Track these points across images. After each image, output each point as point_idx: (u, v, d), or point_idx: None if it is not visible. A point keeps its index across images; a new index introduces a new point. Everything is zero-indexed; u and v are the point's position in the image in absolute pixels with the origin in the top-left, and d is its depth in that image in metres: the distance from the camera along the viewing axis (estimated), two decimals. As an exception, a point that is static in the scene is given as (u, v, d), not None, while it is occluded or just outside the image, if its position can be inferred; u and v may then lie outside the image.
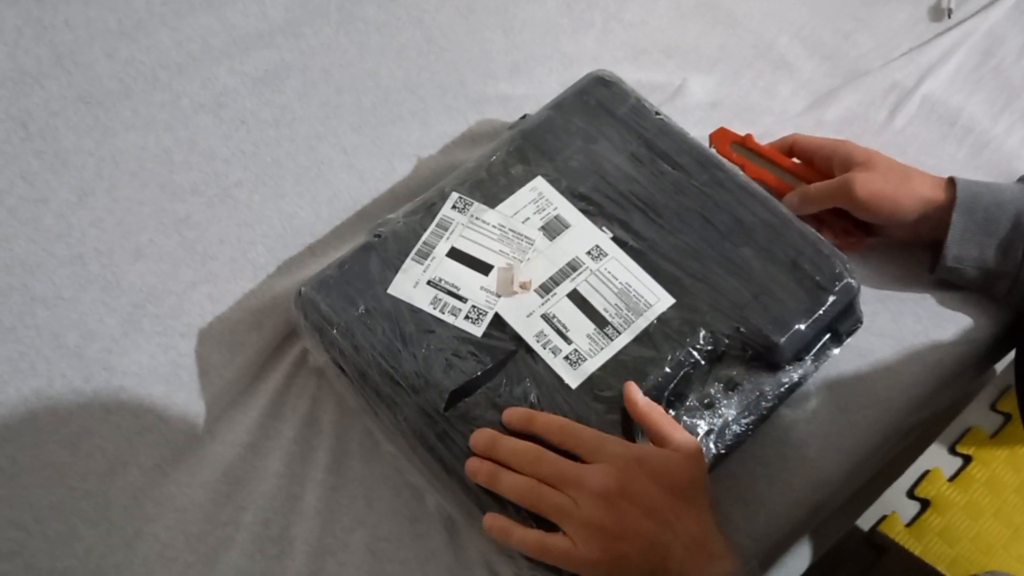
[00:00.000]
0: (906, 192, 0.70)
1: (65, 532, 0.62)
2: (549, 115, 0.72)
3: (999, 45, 0.91)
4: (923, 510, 1.20)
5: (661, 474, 0.54)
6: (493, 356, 0.61)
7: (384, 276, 0.64)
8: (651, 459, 0.54)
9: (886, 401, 0.70)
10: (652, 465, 0.54)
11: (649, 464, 0.54)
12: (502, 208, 0.67)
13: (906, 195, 0.70)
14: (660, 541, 0.52)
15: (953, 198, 0.69)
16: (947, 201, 0.69)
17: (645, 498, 0.53)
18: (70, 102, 0.71)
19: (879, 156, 0.72)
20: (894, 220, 0.71)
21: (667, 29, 0.90)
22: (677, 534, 0.52)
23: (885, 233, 0.74)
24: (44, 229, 0.68)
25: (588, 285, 0.64)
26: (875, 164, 0.71)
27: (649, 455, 0.55)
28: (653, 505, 0.53)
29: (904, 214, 0.70)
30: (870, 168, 0.70)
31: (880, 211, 0.70)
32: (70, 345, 0.66)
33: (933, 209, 0.70)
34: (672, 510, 0.53)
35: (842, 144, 0.73)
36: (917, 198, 0.70)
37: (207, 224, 0.72)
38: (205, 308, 0.69)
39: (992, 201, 0.68)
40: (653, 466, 0.54)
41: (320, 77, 0.79)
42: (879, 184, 0.70)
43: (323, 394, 0.68)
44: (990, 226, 0.68)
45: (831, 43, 0.91)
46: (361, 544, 0.63)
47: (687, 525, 0.53)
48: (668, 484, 0.54)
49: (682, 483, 0.54)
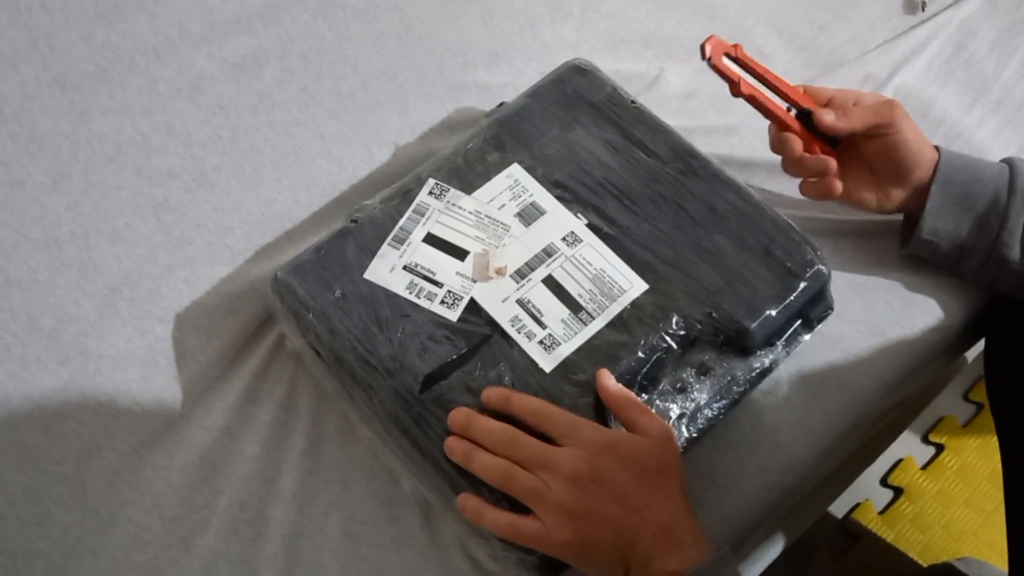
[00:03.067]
0: (927, 146, 0.69)
1: (39, 515, 0.62)
2: (526, 103, 0.72)
3: (971, 38, 0.92)
4: (896, 498, 1.21)
5: (632, 460, 0.55)
6: (468, 340, 0.61)
7: (360, 261, 0.64)
8: (622, 445, 0.55)
9: (856, 387, 0.71)
10: (623, 451, 0.55)
11: (620, 450, 0.55)
12: (478, 194, 0.67)
13: (927, 149, 0.69)
14: (629, 527, 0.53)
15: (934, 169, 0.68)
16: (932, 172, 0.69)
17: (615, 484, 0.53)
18: (45, 85, 0.71)
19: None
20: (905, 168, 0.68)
21: (645, 19, 0.90)
22: (646, 521, 0.53)
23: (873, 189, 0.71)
24: (19, 212, 0.68)
25: (563, 271, 0.64)
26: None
27: (621, 441, 0.55)
28: (623, 491, 0.53)
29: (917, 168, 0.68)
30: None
31: (907, 150, 0.67)
32: (46, 328, 0.66)
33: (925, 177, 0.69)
34: (642, 496, 0.54)
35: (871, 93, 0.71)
36: (930, 159, 0.68)
37: (184, 209, 0.72)
38: (182, 292, 0.70)
39: (972, 176, 0.68)
40: (624, 452, 0.55)
41: (298, 63, 0.79)
42: (916, 127, 0.68)
43: (300, 379, 0.68)
44: (968, 200, 0.67)
45: (807, 35, 0.92)
46: (337, 527, 0.63)
47: (656, 512, 0.53)
48: (639, 470, 0.54)
49: (652, 469, 0.55)
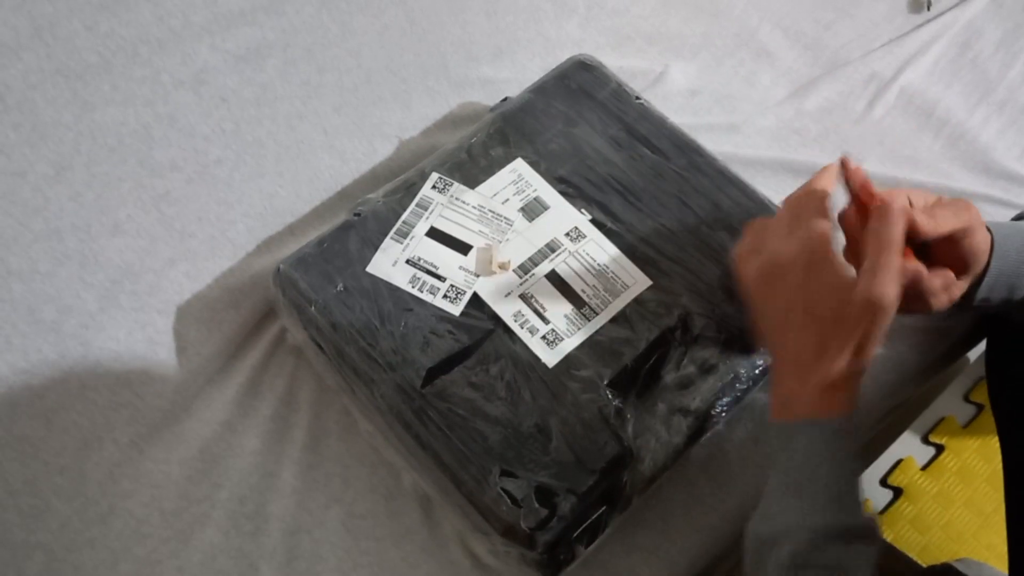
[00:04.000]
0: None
1: (39, 507, 0.61)
2: (530, 98, 0.72)
3: (977, 38, 0.92)
4: (895, 498, 1.21)
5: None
6: (471, 335, 0.61)
7: (363, 254, 0.64)
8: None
9: (859, 386, 0.71)
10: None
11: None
12: (482, 189, 0.67)
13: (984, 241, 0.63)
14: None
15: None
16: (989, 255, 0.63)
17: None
18: (48, 75, 0.70)
19: None
20: (977, 264, 0.62)
21: (650, 16, 0.90)
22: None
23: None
24: (21, 203, 0.68)
25: (566, 266, 0.64)
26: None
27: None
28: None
29: (984, 257, 0.62)
30: None
31: (983, 244, 0.61)
32: (46, 320, 0.66)
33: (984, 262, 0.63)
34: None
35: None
36: (988, 243, 0.63)
37: (186, 201, 0.72)
38: (183, 285, 0.69)
39: (1022, 242, 0.64)
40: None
41: (302, 56, 0.78)
42: (983, 224, 0.62)
43: (301, 372, 0.68)
44: (1022, 267, 0.64)
45: (812, 33, 0.92)
46: (336, 521, 0.63)
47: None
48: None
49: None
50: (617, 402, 0.59)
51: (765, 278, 0.56)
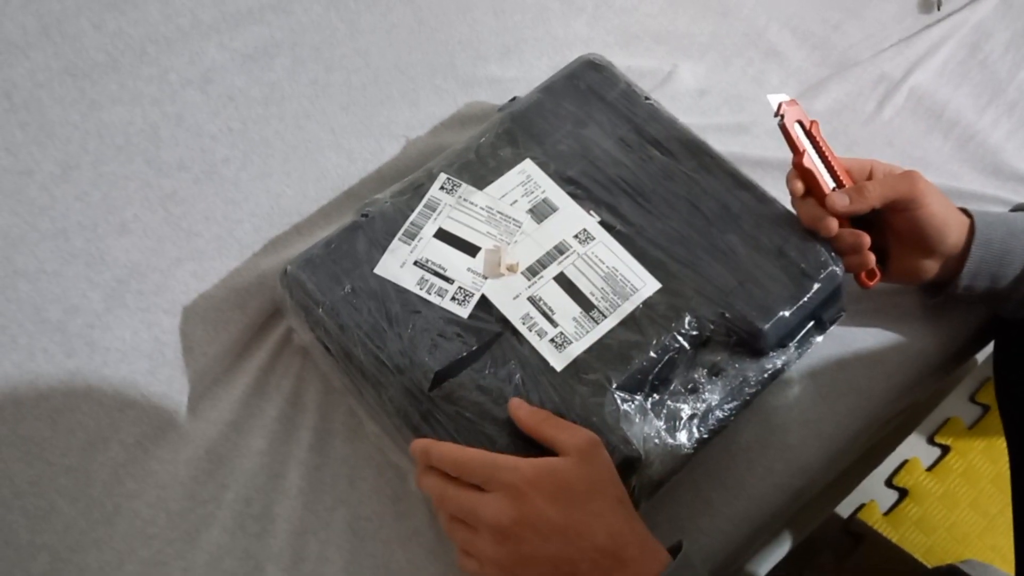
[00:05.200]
0: (954, 214, 0.66)
1: (44, 507, 0.61)
2: (539, 98, 0.72)
3: (987, 39, 0.91)
4: (901, 499, 1.21)
5: (556, 491, 0.51)
6: (479, 338, 0.61)
7: (371, 256, 0.64)
8: (544, 478, 0.52)
9: (867, 390, 0.71)
10: (546, 484, 0.51)
11: (543, 484, 0.51)
12: (490, 190, 0.67)
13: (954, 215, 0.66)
14: (564, 559, 0.50)
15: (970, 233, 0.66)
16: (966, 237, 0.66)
17: (542, 522, 0.50)
18: (56, 73, 0.70)
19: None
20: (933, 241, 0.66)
21: (658, 15, 0.90)
22: (581, 549, 0.50)
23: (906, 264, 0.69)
24: (28, 202, 0.68)
25: (575, 268, 0.64)
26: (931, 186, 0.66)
27: (542, 473, 0.52)
28: (551, 527, 0.50)
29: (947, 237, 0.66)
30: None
31: (932, 224, 0.65)
32: (52, 320, 0.65)
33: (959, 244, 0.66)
34: (574, 527, 0.51)
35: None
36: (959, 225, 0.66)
37: (193, 201, 0.71)
38: (190, 285, 0.69)
39: (1007, 231, 0.66)
40: (547, 485, 0.51)
41: (310, 55, 0.78)
42: (939, 196, 0.65)
43: (307, 373, 0.68)
44: (1007, 256, 0.66)
45: (821, 33, 0.92)
46: (343, 523, 0.63)
47: (592, 537, 0.51)
48: (565, 499, 0.51)
49: (580, 492, 0.52)
50: (626, 406, 0.59)
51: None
